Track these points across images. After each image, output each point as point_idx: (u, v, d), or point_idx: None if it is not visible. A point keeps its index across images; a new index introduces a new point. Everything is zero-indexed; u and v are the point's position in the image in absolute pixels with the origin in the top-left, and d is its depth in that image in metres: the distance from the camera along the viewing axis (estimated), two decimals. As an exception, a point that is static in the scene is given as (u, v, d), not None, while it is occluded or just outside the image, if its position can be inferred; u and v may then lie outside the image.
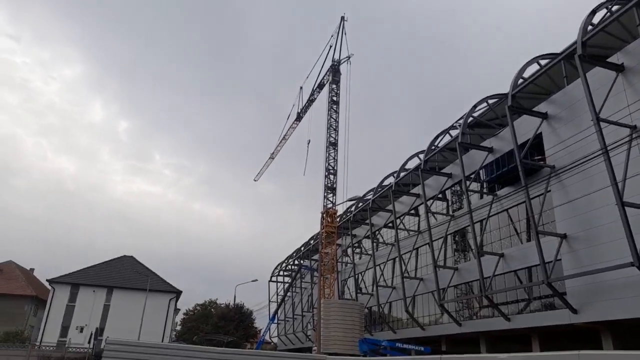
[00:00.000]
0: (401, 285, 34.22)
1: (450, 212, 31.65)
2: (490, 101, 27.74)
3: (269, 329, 56.88)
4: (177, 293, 53.88)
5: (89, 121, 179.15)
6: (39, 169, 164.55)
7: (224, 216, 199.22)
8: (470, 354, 14.43)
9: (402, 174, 36.97)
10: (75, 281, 49.71)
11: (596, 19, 20.29)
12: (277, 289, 67.61)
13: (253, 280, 61.32)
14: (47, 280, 50.45)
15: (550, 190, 22.06)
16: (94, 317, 47.78)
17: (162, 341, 45.75)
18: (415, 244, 34.91)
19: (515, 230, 25.28)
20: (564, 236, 20.88)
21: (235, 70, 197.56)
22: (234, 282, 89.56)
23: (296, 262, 63.99)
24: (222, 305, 62.64)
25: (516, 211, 25.20)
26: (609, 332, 19.43)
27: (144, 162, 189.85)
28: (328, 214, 41.25)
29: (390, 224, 38.58)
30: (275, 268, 70.07)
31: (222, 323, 54.34)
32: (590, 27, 19.83)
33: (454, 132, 31.74)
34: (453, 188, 32.04)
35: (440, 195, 32.75)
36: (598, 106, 18.28)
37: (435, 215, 32.26)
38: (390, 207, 37.63)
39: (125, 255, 55.46)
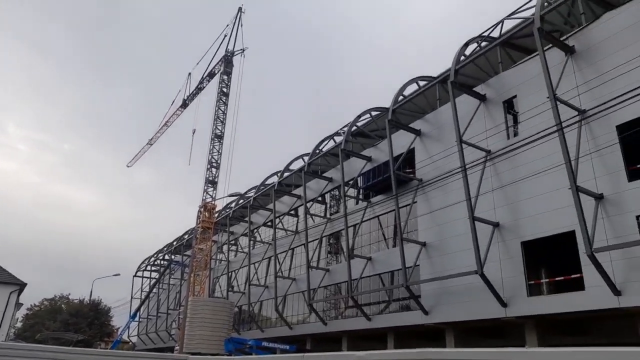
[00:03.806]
0: (274, 285, 34.39)
1: (328, 215, 32.75)
2: (373, 113, 29.42)
3: (129, 327, 52.88)
4: (21, 285, 47.20)
5: None
6: None
7: (88, 202, 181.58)
8: (333, 352, 14.98)
9: (285, 174, 37.31)
10: None
11: (469, 51, 22.74)
12: (143, 284, 63.33)
13: (114, 275, 56.38)
14: None
15: (416, 201, 24.04)
16: None
17: (-4, 339, 39.67)
18: (292, 244, 35.41)
19: (384, 236, 27.04)
20: (423, 244, 22.88)
21: (118, 45, 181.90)
22: (95, 276, 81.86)
23: (166, 257, 60.65)
24: (76, 301, 56.69)
25: (386, 218, 26.97)
26: (452, 332, 21.69)
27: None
28: (206, 208, 39.84)
29: (269, 223, 38.63)
30: (142, 262, 65.60)
31: (73, 320, 49.13)
32: (462, 58, 22.15)
33: (338, 139, 32.98)
34: (332, 192, 33.22)
35: (319, 198, 33.73)
36: (462, 129, 20.46)
37: (313, 217, 33.09)
38: (270, 206, 37.71)
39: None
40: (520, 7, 20.92)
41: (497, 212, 19.51)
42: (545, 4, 18.74)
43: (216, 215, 42.80)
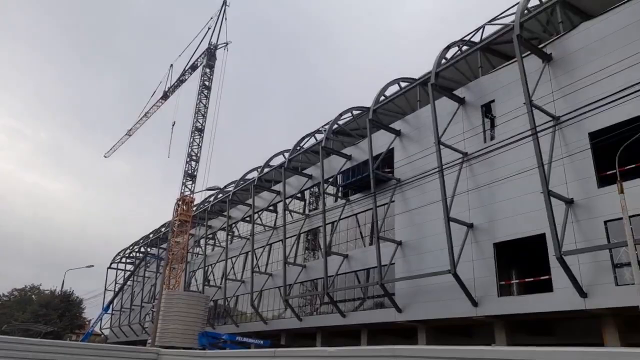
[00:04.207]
0: (250, 280, 34.32)
1: (306, 212, 32.82)
2: (355, 112, 29.58)
3: (101, 319, 51.98)
4: (-11, 274, 45.99)
5: None
6: None
7: (63, 192, 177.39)
8: (306, 347, 15.02)
9: (265, 170, 37.21)
10: None
11: (450, 54, 23.06)
12: (117, 277, 62.34)
13: (88, 266, 55.27)
14: None
15: (394, 201, 24.31)
16: None
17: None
18: (270, 239, 35.38)
19: (361, 234, 27.27)
20: (399, 243, 23.18)
21: (101, 32, 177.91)
22: (68, 267, 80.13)
23: (142, 249, 59.83)
24: (47, 292, 55.44)
25: (364, 216, 27.20)
26: (424, 330, 22.07)
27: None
28: (184, 201, 39.39)
29: (247, 218, 38.50)
30: (117, 254, 64.59)
31: (44, 311, 48.05)
32: (443, 61, 22.45)
33: (319, 136, 33.05)
34: (312, 189, 33.30)
35: (299, 195, 33.77)
36: (441, 131, 20.78)
37: (292, 213, 33.12)
38: (250, 201, 37.59)
39: None
40: (501, 13, 21.31)
41: (471, 214, 19.91)
42: (525, 11, 19.15)
43: (194, 208, 42.41)
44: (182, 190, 39.57)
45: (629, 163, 14.74)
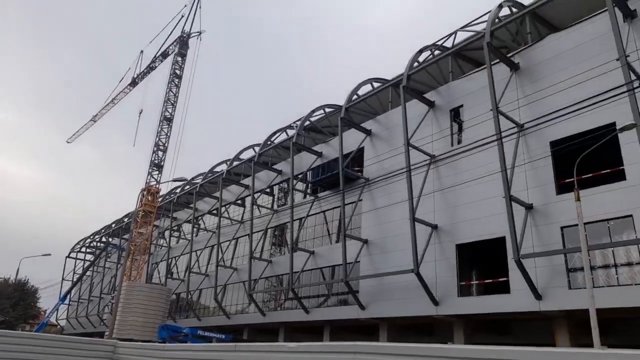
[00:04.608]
0: (215, 273, 33.95)
1: (275, 207, 32.71)
2: (327, 110, 29.66)
3: (57, 309, 50.29)
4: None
5: None
6: None
7: (19, 177, 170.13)
8: (269, 342, 15.03)
9: (235, 163, 36.83)
10: None
11: (422, 58, 23.43)
12: (76, 266, 60.43)
13: (45, 255, 53.19)
14: None
15: (362, 199, 24.55)
16: None
17: None
18: (236, 233, 35.08)
19: (328, 231, 27.41)
20: (365, 241, 23.44)
21: (71, 12, 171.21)
22: (24, 255, 76.98)
23: (104, 239, 58.18)
24: (0, 280, 53.16)
25: (332, 214, 27.35)
26: (386, 327, 22.43)
27: None
28: (149, 191, 38.49)
29: (214, 211, 38.04)
30: (77, 244, 62.58)
31: (-4, 300, 46.07)
32: (416, 64, 22.81)
33: (290, 132, 32.97)
34: (281, 184, 33.21)
35: (268, 190, 33.62)
36: (410, 133, 21.12)
37: (260, 207, 32.94)
38: (217, 194, 37.14)
39: None
40: (473, 20, 21.82)
41: (436, 215, 20.34)
42: (497, 20, 19.68)
43: (160, 199, 41.54)
44: (148, 180, 38.69)
45: (586, 172, 15.40)
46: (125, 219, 51.97)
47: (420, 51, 22.88)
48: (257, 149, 34.74)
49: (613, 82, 14.42)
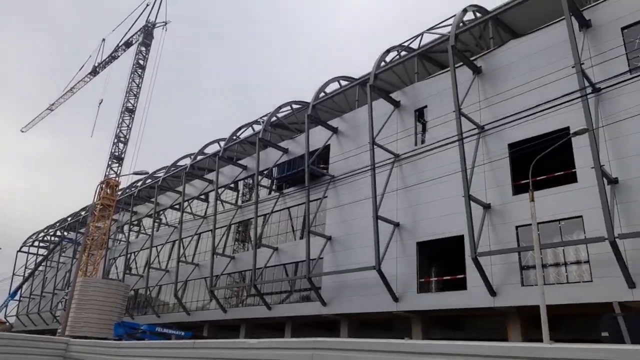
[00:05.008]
0: (175, 269, 33.27)
1: (239, 203, 32.37)
2: (294, 106, 29.56)
3: (7, 305, 48.00)
4: None
5: None
6: None
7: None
8: (230, 339, 14.88)
9: (199, 157, 36.18)
10: None
11: (390, 58, 23.72)
12: (28, 261, 57.81)
13: (-5, 248, 50.67)
14: None
15: (326, 196, 24.65)
16: None
17: None
18: (199, 229, 34.49)
19: (292, 227, 27.37)
20: (329, 238, 23.56)
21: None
22: (-31, 248, 72.79)
23: (58, 233, 55.90)
24: (-57, 275, 50.18)
25: (296, 210, 27.32)
26: (347, 323, 22.65)
27: None
28: (108, 184, 37.27)
29: (177, 206, 37.24)
30: (30, 237, 59.88)
31: (-62, 296, 43.45)
32: (383, 64, 23.07)
33: (256, 127, 32.69)
34: (246, 180, 32.88)
35: (232, 185, 33.21)
36: (376, 131, 21.36)
37: (224, 203, 32.51)
38: (180, 188, 36.38)
39: None
40: (439, 23, 22.27)
41: (398, 213, 20.68)
42: (461, 24, 20.17)
43: (119, 193, 40.28)
44: (107, 173, 37.47)
45: (541, 174, 16.04)
46: (83, 213, 50.12)
47: (388, 51, 23.15)
48: (222, 143, 34.24)
49: (568, 88, 15.08)
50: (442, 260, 20.00)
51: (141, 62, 39.74)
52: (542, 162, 13.86)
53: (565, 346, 3.86)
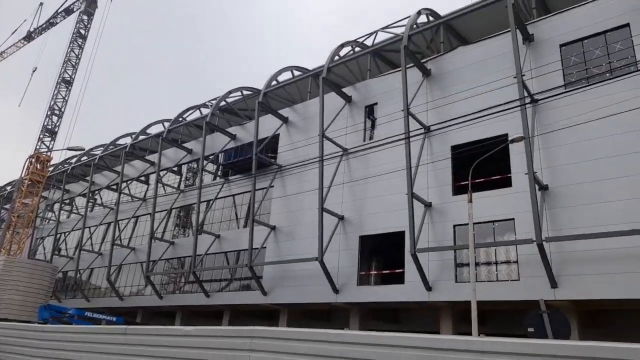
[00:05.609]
0: (109, 252, 31.81)
1: (182, 187, 31.44)
2: (245, 92, 29.05)
3: None
4: None
5: None
6: None
7: None
8: (165, 326, 14.47)
9: (141, 137, 34.67)
10: None
11: (344, 52, 23.86)
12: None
13: None
14: None
15: (273, 186, 24.51)
16: None
17: None
18: (137, 212, 33.15)
19: (236, 215, 27.00)
20: (273, 228, 23.48)
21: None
22: None
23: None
24: None
25: (241, 198, 26.96)
26: (286, 313, 22.76)
27: None
28: (39, 159, 34.85)
29: (114, 186, 35.54)
30: (-55, 211, 54.76)
31: None
32: (337, 58, 23.17)
33: (204, 111, 31.82)
34: (190, 164, 31.97)
35: (175, 168, 32.17)
36: (326, 124, 21.48)
37: (165, 186, 31.44)
38: (119, 168, 34.72)
39: None
40: (394, 22, 22.69)
41: (344, 206, 20.99)
42: (414, 26, 20.66)
43: (51, 169, 37.79)
44: (38, 147, 35.05)
45: (480, 177, 16.86)
46: (8, 188, 46.61)
47: (342, 45, 23.28)
48: (167, 124, 33.03)
49: (508, 96, 15.92)
50: (382, 254, 20.56)
51: (82, 31, 37.36)
52: (481, 165, 14.57)
53: (493, 340, 4.10)
